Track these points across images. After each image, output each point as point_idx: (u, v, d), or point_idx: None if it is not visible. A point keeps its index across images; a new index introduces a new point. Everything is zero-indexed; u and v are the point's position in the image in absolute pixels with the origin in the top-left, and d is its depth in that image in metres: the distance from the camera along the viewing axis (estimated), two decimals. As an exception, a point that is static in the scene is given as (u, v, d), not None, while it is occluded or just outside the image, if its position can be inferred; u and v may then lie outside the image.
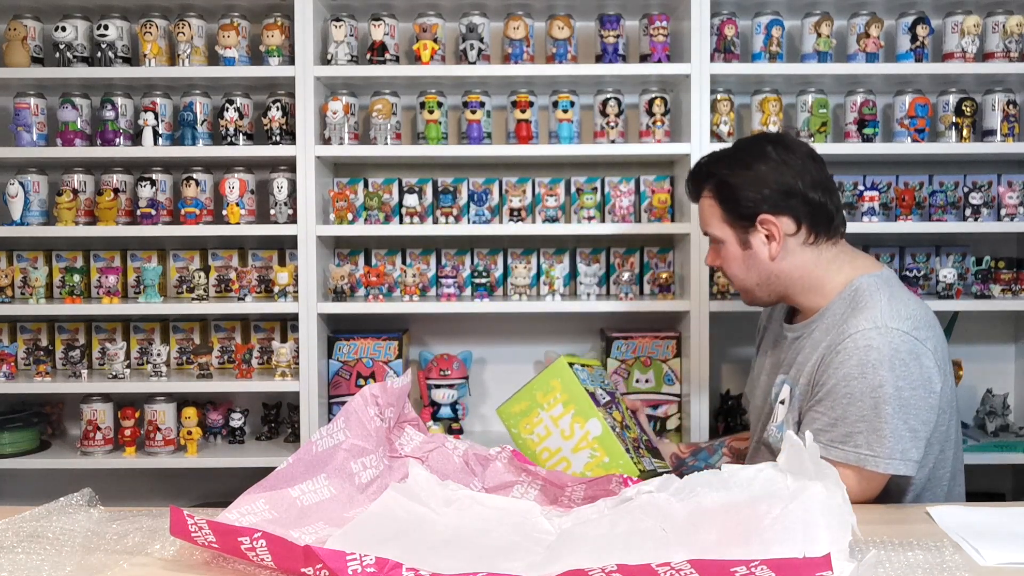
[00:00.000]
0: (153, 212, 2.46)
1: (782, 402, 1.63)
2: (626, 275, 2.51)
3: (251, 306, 2.45)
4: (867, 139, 2.46)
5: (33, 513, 1.32)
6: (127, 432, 2.42)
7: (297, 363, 2.43)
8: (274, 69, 2.42)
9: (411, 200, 2.49)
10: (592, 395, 1.69)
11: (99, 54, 2.43)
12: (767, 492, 1.14)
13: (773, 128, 2.45)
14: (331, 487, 1.32)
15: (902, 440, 1.45)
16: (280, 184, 2.47)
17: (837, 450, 1.47)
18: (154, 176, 2.50)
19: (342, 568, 1.04)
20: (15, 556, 1.17)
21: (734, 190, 1.64)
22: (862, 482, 1.46)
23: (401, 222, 2.53)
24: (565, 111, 2.45)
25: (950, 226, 2.46)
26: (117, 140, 2.46)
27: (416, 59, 2.43)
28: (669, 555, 1.07)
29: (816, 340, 1.61)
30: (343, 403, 2.47)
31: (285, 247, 2.60)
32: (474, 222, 2.52)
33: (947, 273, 2.43)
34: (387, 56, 2.47)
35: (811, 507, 1.09)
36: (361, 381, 2.48)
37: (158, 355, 2.45)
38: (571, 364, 1.72)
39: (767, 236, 1.63)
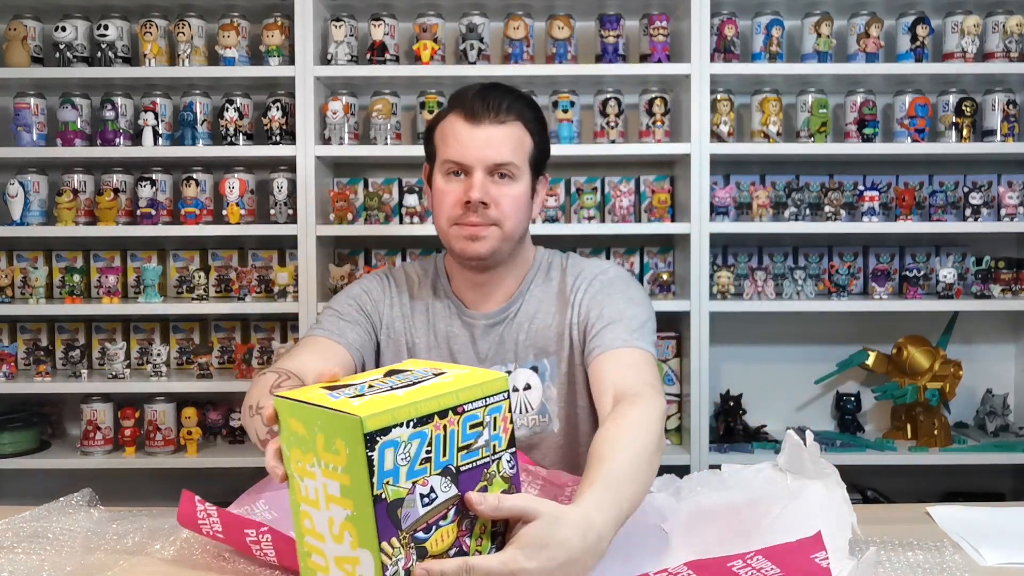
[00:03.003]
0: (153, 212, 2.46)
1: (527, 387, 1.55)
2: (626, 275, 2.50)
3: (251, 306, 2.45)
4: (867, 139, 2.46)
5: (33, 513, 1.32)
6: (127, 432, 2.42)
7: (297, 363, 2.43)
8: (274, 69, 2.42)
9: (411, 200, 2.49)
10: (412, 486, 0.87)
11: (99, 54, 2.43)
12: (767, 492, 1.14)
13: (773, 129, 2.45)
14: None
15: None
16: (280, 184, 2.48)
17: (650, 345, 1.48)
18: (154, 176, 2.50)
19: None
20: (15, 556, 1.17)
21: (544, 134, 1.55)
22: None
23: (401, 222, 2.53)
24: (565, 111, 2.45)
25: (950, 226, 2.46)
26: (117, 140, 2.46)
27: (416, 59, 2.43)
28: (670, 554, 1.07)
29: (531, 311, 1.57)
30: (343, 403, 2.48)
31: (285, 247, 2.60)
32: (474, 222, 2.52)
33: (947, 273, 2.43)
34: (387, 56, 2.47)
35: (811, 506, 1.09)
36: (361, 381, 2.47)
37: (158, 355, 2.45)
38: (373, 432, 0.83)
39: (534, 193, 1.55)
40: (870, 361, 2.58)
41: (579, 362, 1.54)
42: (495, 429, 0.92)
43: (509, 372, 1.56)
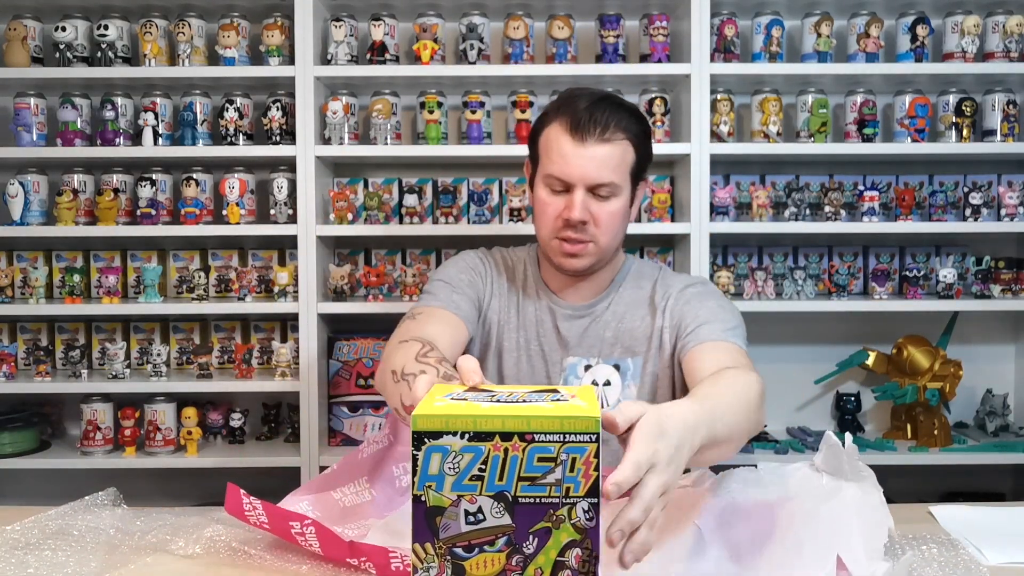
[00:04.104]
0: (153, 212, 2.46)
1: (607, 384, 1.58)
2: (626, 275, 2.50)
3: (251, 306, 2.45)
4: (867, 139, 2.46)
5: (59, 511, 1.34)
6: (127, 432, 2.42)
7: (297, 363, 2.43)
8: (274, 69, 2.42)
9: (411, 200, 2.49)
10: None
11: (99, 54, 2.43)
12: (802, 490, 1.14)
13: (773, 129, 2.45)
14: (372, 490, 1.36)
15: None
16: (280, 184, 2.47)
17: (743, 345, 1.54)
18: (154, 176, 2.50)
19: (385, 563, 1.08)
20: (41, 553, 1.19)
21: (648, 144, 1.56)
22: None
23: (401, 222, 2.53)
24: (565, 111, 2.45)
25: (950, 226, 2.46)
26: (117, 140, 2.46)
27: (416, 59, 2.43)
28: (703, 550, 1.07)
29: (620, 312, 1.61)
30: (343, 403, 2.49)
31: (285, 247, 2.60)
32: (474, 222, 2.53)
33: (947, 273, 2.43)
34: (387, 56, 2.47)
35: (845, 507, 1.09)
36: (361, 381, 2.47)
37: (158, 355, 2.45)
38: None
39: (632, 199, 1.57)
40: (870, 361, 2.58)
41: (667, 364, 1.58)
42: (572, 470, 0.81)
43: (590, 367, 1.59)
